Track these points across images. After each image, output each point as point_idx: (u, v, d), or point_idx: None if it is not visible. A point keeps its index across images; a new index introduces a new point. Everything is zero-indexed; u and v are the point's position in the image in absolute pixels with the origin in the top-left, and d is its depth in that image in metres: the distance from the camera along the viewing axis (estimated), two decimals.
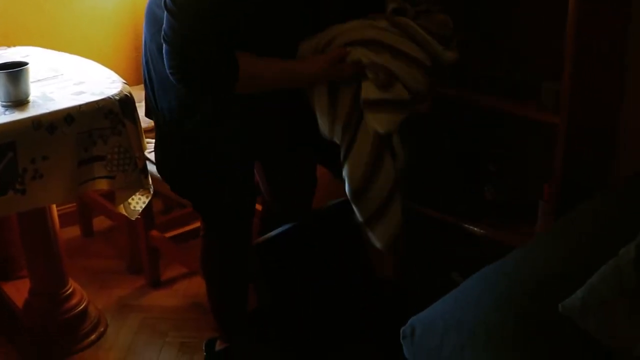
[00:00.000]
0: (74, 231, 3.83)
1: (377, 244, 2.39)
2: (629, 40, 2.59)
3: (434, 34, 2.32)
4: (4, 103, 2.52)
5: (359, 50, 2.24)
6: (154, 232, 3.33)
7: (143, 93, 2.54)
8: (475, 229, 2.79)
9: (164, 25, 2.14)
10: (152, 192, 2.75)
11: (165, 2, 2.11)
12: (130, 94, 2.66)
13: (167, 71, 2.18)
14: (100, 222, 3.89)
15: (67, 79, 2.75)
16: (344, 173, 2.33)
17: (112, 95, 2.57)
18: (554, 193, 2.56)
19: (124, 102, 2.58)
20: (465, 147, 3.00)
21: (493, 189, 2.84)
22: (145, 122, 3.12)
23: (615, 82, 2.64)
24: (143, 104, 2.63)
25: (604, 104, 2.64)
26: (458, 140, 3.00)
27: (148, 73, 2.45)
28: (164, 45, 2.15)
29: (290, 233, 2.64)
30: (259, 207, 2.86)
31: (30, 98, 2.56)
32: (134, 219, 2.86)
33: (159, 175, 3.01)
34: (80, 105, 2.50)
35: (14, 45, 3.29)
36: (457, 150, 3.01)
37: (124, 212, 2.77)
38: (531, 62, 2.69)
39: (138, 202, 2.76)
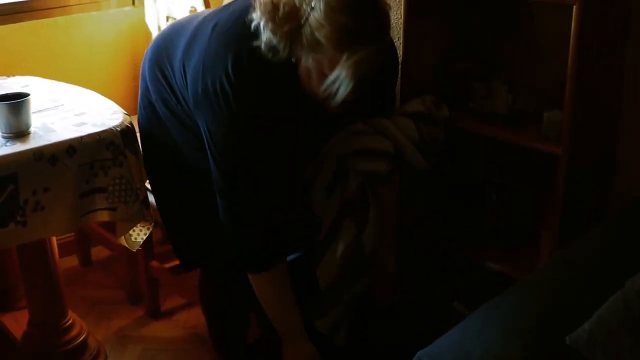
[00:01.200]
0: (72, 261, 3.81)
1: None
2: (626, 73, 2.60)
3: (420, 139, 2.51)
4: (5, 134, 2.51)
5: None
6: (154, 263, 3.31)
7: None
8: (477, 259, 2.78)
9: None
10: (153, 223, 2.74)
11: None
12: (132, 124, 2.66)
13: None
14: (98, 252, 3.87)
15: (68, 110, 2.75)
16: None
17: (114, 127, 2.57)
18: (556, 223, 2.55)
19: (125, 133, 2.58)
20: (466, 176, 3.00)
21: (494, 218, 2.83)
22: None
23: (616, 110, 2.65)
24: None
25: (604, 132, 2.65)
26: (459, 169, 3.00)
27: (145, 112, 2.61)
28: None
29: (293, 262, 2.63)
30: None
31: (31, 129, 2.55)
32: (135, 251, 2.84)
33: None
34: (81, 137, 2.50)
35: (13, 75, 3.29)
36: (458, 179, 3.01)
37: (125, 244, 2.76)
38: (532, 91, 2.70)
39: (139, 234, 2.75)
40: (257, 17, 2.10)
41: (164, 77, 2.47)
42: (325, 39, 1.99)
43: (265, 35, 2.08)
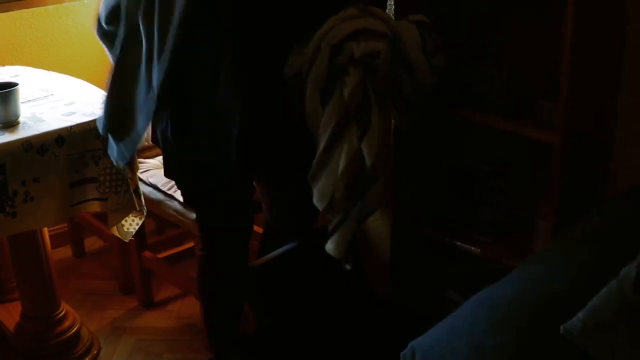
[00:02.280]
0: (65, 252, 3.79)
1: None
2: (625, 58, 2.58)
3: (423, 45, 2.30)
4: None
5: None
6: (147, 253, 3.30)
7: None
8: (472, 247, 2.76)
9: None
10: (145, 214, 2.72)
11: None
12: None
13: None
14: (91, 243, 3.85)
15: (58, 99, 2.73)
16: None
17: None
18: (551, 211, 2.53)
19: None
20: (460, 165, 2.98)
21: (489, 206, 2.81)
22: None
23: (611, 97, 2.62)
24: None
25: (600, 120, 2.63)
26: (453, 158, 2.98)
27: None
28: None
29: (289, 254, 2.61)
30: (259, 229, 2.83)
31: (20, 119, 2.54)
32: (127, 241, 2.83)
33: (151, 196, 3.00)
34: (71, 127, 2.48)
35: (3, 65, 3.27)
36: (452, 167, 2.99)
37: (117, 234, 2.74)
38: (527, 78, 2.68)
39: (131, 224, 2.73)
40: None
41: None
42: None
43: None
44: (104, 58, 3.82)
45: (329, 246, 2.29)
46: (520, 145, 2.75)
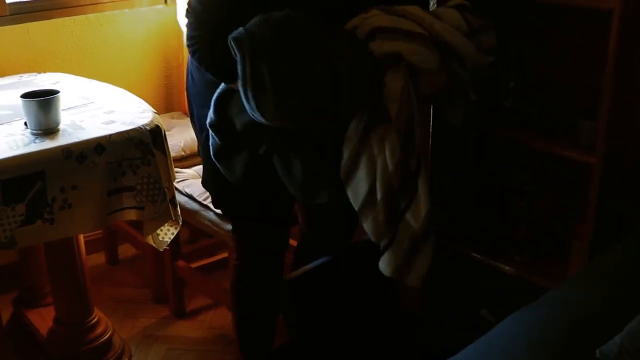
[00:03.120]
0: (99, 258, 3.82)
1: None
2: None
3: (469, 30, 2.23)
4: (34, 131, 2.51)
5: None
6: (180, 262, 3.31)
7: (172, 121, 2.53)
8: (506, 266, 2.75)
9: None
10: (180, 223, 2.73)
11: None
12: (161, 123, 2.64)
13: (186, 44, 2.15)
14: (125, 250, 3.87)
15: (98, 108, 2.75)
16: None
17: (143, 125, 2.56)
18: (587, 233, 2.51)
19: (155, 132, 2.57)
20: (497, 183, 2.96)
21: (524, 226, 2.80)
22: (175, 151, 3.12)
23: None
24: (172, 132, 2.63)
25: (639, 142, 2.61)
26: (490, 176, 2.96)
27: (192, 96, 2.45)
28: (187, 18, 2.13)
29: (323, 267, 2.60)
30: (293, 242, 2.83)
31: (61, 126, 2.55)
32: (162, 250, 2.84)
33: (186, 206, 3.01)
34: (110, 135, 2.49)
35: (44, 72, 3.30)
36: (489, 186, 2.97)
37: (152, 243, 2.75)
38: (568, 99, 2.66)
39: (167, 233, 2.74)
40: None
41: None
42: None
43: None
44: (141, 67, 3.87)
45: (381, 264, 2.26)
46: (558, 165, 2.74)
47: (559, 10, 2.69)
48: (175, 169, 2.97)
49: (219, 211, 2.69)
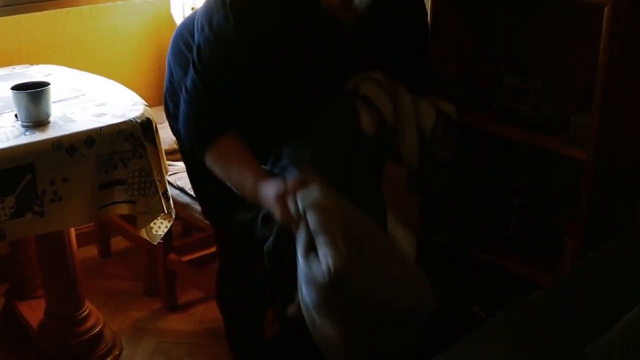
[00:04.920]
0: (91, 251, 3.80)
1: None
2: None
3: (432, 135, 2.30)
4: (24, 123, 2.50)
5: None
6: (172, 255, 3.30)
7: (164, 114, 2.52)
8: (498, 262, 2.75)
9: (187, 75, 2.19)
10: (174, 216, 2.72)
11: (194, 54, 2.17)
12: (152, 116, 2.64)
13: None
14: (117, 243, 3.86)
15: (89, 100, 2.74)
16: None
17: (134, 118, 2.55)
18: (579, 230, 2.51)
19: (146, 125, 2.56)
20: (489, 180, 2.96)
21: (516, 223, 2.79)
22: (166, 144, 3.11)
23: None
24: (164, 124, 2.62)
25: (632, 140, 2.60)
26: (482, 173, 2.96)
27: (171, 102, 2.47)
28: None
29: None
30: None
31: (51, 119, 2.54)
32: (155, 244, 2.83)
33: (178, 199, 3.00)
34: (101, 128, 2.48)
35: (37, 64, 3.29)
36: (481, 182, 2.97)
37: (146, 237, 2.74)
38: (560, 95, 2.66)
39: (160, 227, 2.73)
40: None
41: (188, 49, 2.39)
42: None
43: None
44: (134, 60, 3.86)
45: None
46: (550, 162, 2.73)
47: (553, 5, 2.68)
48: (169, 162, 2.96)
49: None
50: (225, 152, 2.18)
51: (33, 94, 2.48)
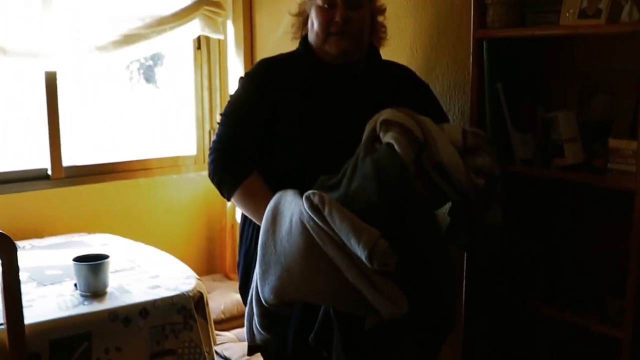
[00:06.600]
0: None
1: None
2: None
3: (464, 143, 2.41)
4: (83, 293, 2.63)
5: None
6: None
7: (213, 284, 2.61)
8: None
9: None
10: None
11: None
12: (204, 290, 2.74)
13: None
14: None
15: (144, 272, 2.86)
16: None
17: (186, 292, 2.67)
18: None
19: (197, 299, 2.68)
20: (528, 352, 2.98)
21: None
22: (214, 313, 3.20)
23: None
24: (212, 294, 2.71)
25: None
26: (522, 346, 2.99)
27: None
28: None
29: None
30: None
31: (108, 289, 2.66)
32: None
33: None
34: (155, 300, 2.59)
35: (93, 232, 3.43)
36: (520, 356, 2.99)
37: None
38: (595, 276, 2.71)
39: None
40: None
41: None
42: None
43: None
44: (185, 230, 3.98)
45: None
46: (586, 338, 2.76)
47: (588, 190, 2.78)
48: (217, 332, 3.04)
49: None
50: (250, 188, 2.47)
51: (93, 267, 2.61)
